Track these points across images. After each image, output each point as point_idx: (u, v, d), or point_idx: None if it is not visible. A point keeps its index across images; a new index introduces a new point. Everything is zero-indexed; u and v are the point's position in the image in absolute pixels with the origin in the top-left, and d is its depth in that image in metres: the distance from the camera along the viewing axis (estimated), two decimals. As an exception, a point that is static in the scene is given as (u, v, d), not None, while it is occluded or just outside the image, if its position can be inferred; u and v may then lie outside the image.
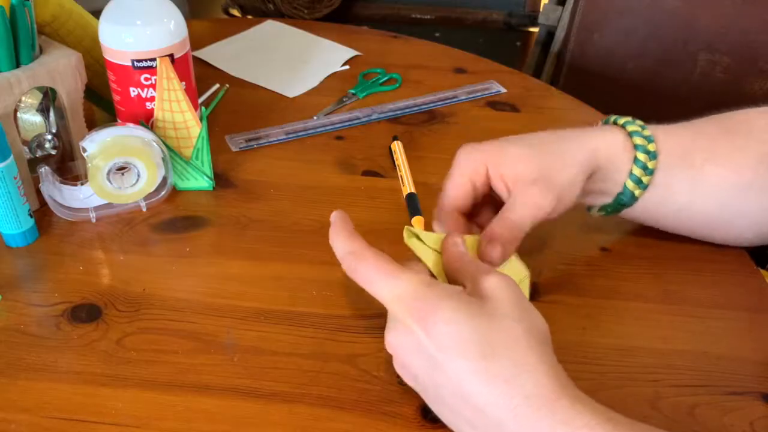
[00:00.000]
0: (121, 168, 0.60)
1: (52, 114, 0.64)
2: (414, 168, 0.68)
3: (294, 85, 0.84)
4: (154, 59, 0.62)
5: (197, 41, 0.92)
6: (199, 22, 1.06)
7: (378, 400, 0.46)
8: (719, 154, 0.53)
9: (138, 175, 0.61)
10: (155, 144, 0.61)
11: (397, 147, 0.70)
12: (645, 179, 0.52)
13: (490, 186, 0.52)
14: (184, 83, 0.63)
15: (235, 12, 1.56)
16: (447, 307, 0.40)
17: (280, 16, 1.41)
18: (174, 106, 0.62)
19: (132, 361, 0.49)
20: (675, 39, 1.06)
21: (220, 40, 0.94)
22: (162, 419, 0.45)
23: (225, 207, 0.64)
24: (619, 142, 0.52)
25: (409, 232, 0.47)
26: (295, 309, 0.53)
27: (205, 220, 0.63)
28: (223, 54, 0.91)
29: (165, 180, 0.63)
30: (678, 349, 0.51)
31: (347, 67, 0.89)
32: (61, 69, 0.60)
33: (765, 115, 0.55)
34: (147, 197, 0.62)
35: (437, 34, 1.57)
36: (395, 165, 0.69)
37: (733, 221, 0.56)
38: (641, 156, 0.52)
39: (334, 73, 0.88)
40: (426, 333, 0.39)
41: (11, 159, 0.55)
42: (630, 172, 0.52)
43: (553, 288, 0.55)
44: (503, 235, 0.48)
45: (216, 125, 0.76)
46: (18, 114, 0.62)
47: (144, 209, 0.63)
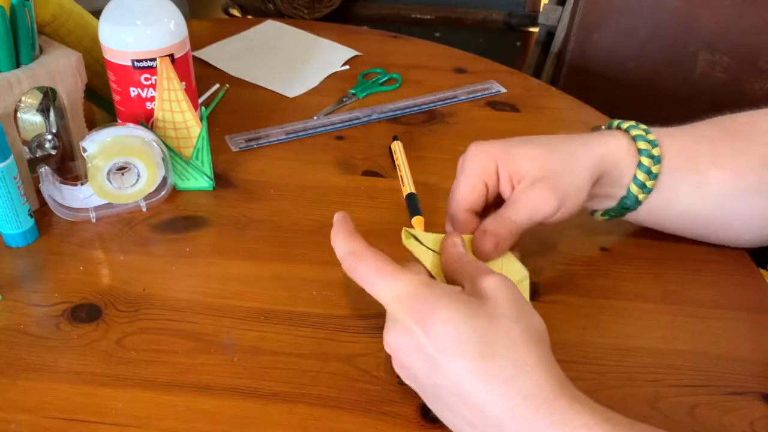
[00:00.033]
0: (121, 168, 0.60)
1: (52, 114, 0.64)
2: (414, 168, 0.68)
3: (294, 85, 0.84)
4: (154, 59, 0.62)
5: (197, 41, 0.92)
6: (199, 22, 1.06)
7: (378, 400, 0.46)
8: (722, 157, 0.53)
9: (138, 175, 0.61)
10: (155, 144, 0.61)
11: (397, 147, 0.70)
12: (649, 183, 0.52)
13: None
14: (184, 83, 0.63)
15: (235, 12, 1.56)
16: (446, 308, 0.40)
17: (280, 16, 1.41)
18: (174, 106, 0.62)
19: (132, 361, 0.49)
20: (675, 39, 1.06)
21: (220, 40, 0.94)
22: (162, 419, 0.45)
23: (225, 207, 0.64)
24: (623, 146, 0.52)
25: (407, 233, 0.47)
26: (295, 309, 0.53)
27: (205, 220, 0.63)
28: (223, 54, 0.91)
29: (165, 180, 0.63)
30: (678, 349, 0.51)
31: (347, 67, 0.89)
32: (61, 69, 0.60)
33: (767, 117, 0.55)
34: (147, 197, 0.62)
35: (437, 34, 1.57)
36: (395, 165, 0.69)
37: (736, 223, 0.56)
38: (645, 160, 0.52)
39: (334, 73, 0.88)
40: (425, 333, 0.39)
41: (11, 159, 0.55)
42: (634, 176, 0.52)
43: (553, 288, 0.55)
44: (497, 231, 0.48)
45: (216, 125, 0.76)
46: (18, 114, 0.62)
47: (144, 209, 0.63)
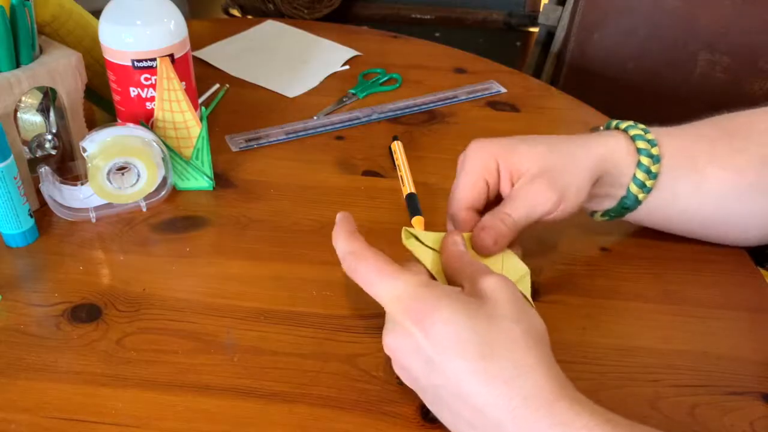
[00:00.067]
0: (121, 168, 0.60)
1: (52, 114, 0.64)
2: (414, 168, 0.68)
3: (294, 85, 0.84)
4: (154, 59, 0.62)
5: (197, 41, 0.92)
6: (199, 22, 1.06)
7: (378, 400, 0.46)
8: (721, 156, 0.53)
9: (138, 175, 0.61)
10: (155, 144, 0.61)
11: (397, 147, 0.70)
12: (649, 183, 0.52)
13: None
14: (184, 83, 0.63)
15: (235, 12, 1.56)
16: (445, 308, 0.40)
17: (280, 16, 1.41)
18: (174, 106, 0.62)
19: (132, 361, 0.49)
20: (675, 39, 1.06)
21: (220, 40, 0.94)
22: (162, 419, 0.45)
23: (225, 207, 0.64)
24: (622, 146, 0.52)
25: (407, 232, 0.47)
26: (295, 309, 0.53)
27: (205, 220, 0.63)
28: (223, 54, 0.91)
29: (165, 180, 0.63)
30: (678, 349, 0.51)
31: (347, 67, 0.89)
32: (61, 69, 0.60)
33: (765, 117, 0.55)
34: (147, 197, 0.62)
35: (437, 34, 1.57)
36: (395, 165, 0.69)
37: (736, 222, 0.56)
38: (645, 160, 0.52)
39: (334, 73, 0.88)
40: (424, 334, 0.39)
41: (11, 159, 0.55)
42: (633, 176, 0.52)
43: (553, 288, 0.55)
44: (495, 227, 0.48)
45: (216, 125, 0.76)
46: (18, 114, 0.62)
47: (144, 209, 0.63)
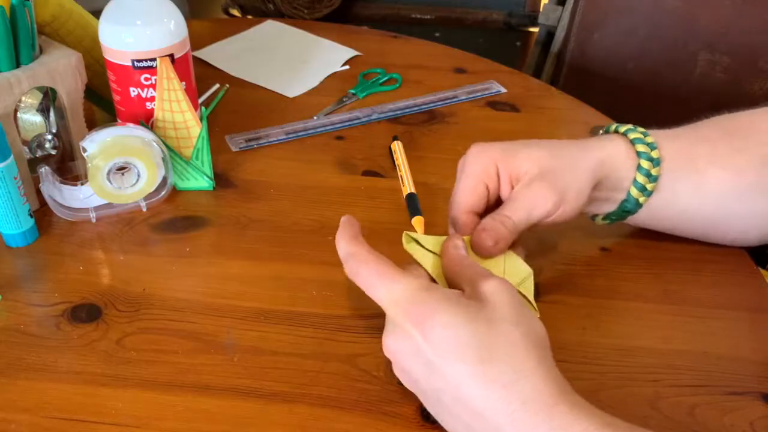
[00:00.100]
0: (121, 168, 0.60)
1: (52, 114, 0.64)
2: (414, 168, 0.68)
3: (294, 85, 0.84)
4: (154, 59, 0.62)
5: (197, 41, 0.92)
6: (199, 22, 1.06)
7: (378, 400, 0.46)
8: (721, 156, 0.53)
9: (138, 175, 0.61)
10: (155, 144, 0.61)
11: (397, 147, 0.70)
12: (649, 186, 0.52)
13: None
14: (184, 83, 0.63)
15: (235, 12, 1.56)
16: (445, 311, 0.40)
17: (280, 16, 1.41)
18: (174, 106, 0.62)
19: (132, 361, 0.49)
20: (675, 39, 1.06)
21: (220, 40, 0.94)
22: (162, 419, 0.45)
23: (225, 207, 0.64)
24: (622, 150, 0.52)
25: (408, 236, 0.47)
26: (295, 309, 0.53)
27: (205, 220, 0.63)
28: (223, 54, 0.91)
29: (165, 180, 0.63)
30: (678, 349, 0.51)
31: (347, 67, 0.89)
32: (61, 69, 0.60)
33: (766, 116, 0.55)
34: (147, 197, 0.62)
35: (437, 34, 1.57)
36: (395, 165, 0.69)
37: (736, 223, 0.56)
38: (645, 164, 0.52)
39: (334, 73, 0.88)
40: (424, 337, 0.39)
41: (11, 159, 0.55)
42: (634, 179, 0.52)
43: (553, 288, 0.55)
44: (495, 228, 0.48)
45: (216, 125, 0.76)
46: (18, 114, 0.62)
47: (144, 209, 0.63)
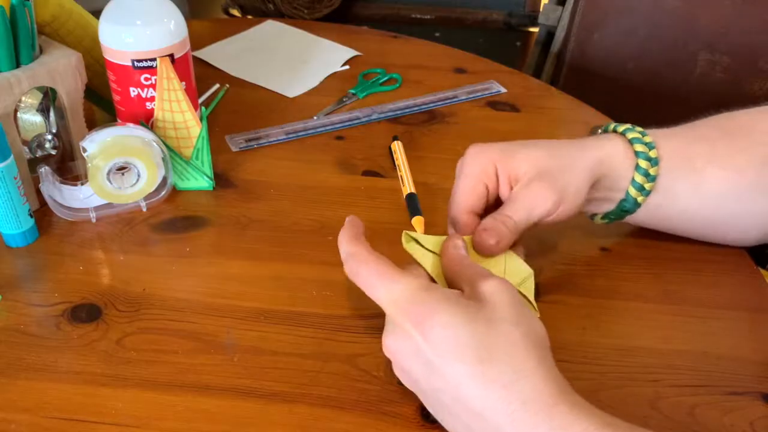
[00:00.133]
0: (121, 168, 0.60)
1: (52, 114, 0.64)
2: (414, 168, 0.68)
3: (294, 85, 0.84)
4: (154, 59, 0.62)
5: (197, 41, 0.92)
6: (199, 22, 1.06)
7: (378, 400, 0.46)
8: (720, 156, 0.53)
9: (138, 175, 0.61)
10: (155, 144, 0.61)
11: (397, 147, 0.70)
12: (647, 186, 0.52)
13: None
14: (184, 83, 0.63)
15: (235, 12, 1.56)
16: (444, 311, 0.40)
17: (280, 16, 1.41)
18: (174, 106, 0.62)
19: (132, 361, 0.49)
20: (675, 39, 1.06)
21: (220, 40, 0.94)
22: (162, 419, 0.45)
23: (225, 207, 0.64)
24: (620, 150, 0.52)
25: (408, 236, 0.47)
26: (295, 309, 0.53)
27: (205, 220, 0.63)
28: (223, 54, 0.91)
29: (165, 180, 0.63)
30: (678, 349, 0.51)
31: (347, 67, 0.89)
32: (61, 69, 0.60)
33: (766, 116, 0.55)
34: (147, 197, 0.62)
35: (437, 34, 1.57)
36: (395, 165, 0.69)
37: (735, 222, 0.56)
38: (643, 163, 0.52)
39: (334, 73, 0.88)
40: (423, 337, 0.39)
41: (11, 159, 0.55)
42: (632, 179, 0.52)
43: (553, 288, 0.55)
44: (496, 228, 0.48)
45: (216, 125, 0.76)
46: (18, 114, 0.62)
47: (144, 209, 0.63)
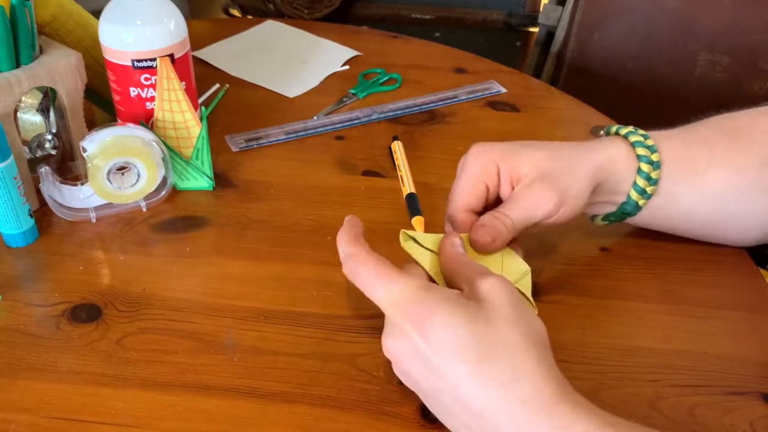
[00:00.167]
0: (121, 168, 0.60)
1: (52, 114, 0.64)
2: (414, 168, 0.68)
3: (294, 85, 0.84)
4: (154, 59, 0.62)
5: (197, 41, 0.92)
6: (199, 22, 1.06)
7: (378, 400, 0.46)
8: (720, 157, 0.53)
9: (138, 175, 0.61)
10: (155, 144, 0.61)
11: (397, 147, 0.70)
12: (649, 189, 0.52)
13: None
14: (184, 83, 0.63)
15: (235, 12, 1.56)
16: (444, 311, 0.39)
17: (280, 16, 1.41)
18: (174, 106, 0.62)
19: (132, 361, 0.49)
20: (675, 39, 1.06)
21: (220, 40, 0.94)
22: (162, 419, 0.45)
23: (225, 207, 0.64)
24: (622, 153, 0.52)
25: (405, 235, 0.47)
26: (295, 309, 0.53)
27: (205, 220, 0.63)
28: (223, 54, 0.91)
29: (165, 180, 0.63)
30: (678, 349, 0.51)
31: (347, 67, 0.89)
32: (61, 69, 0.60)
33: (765, 116, 0.55)
34: (147, 197, 0.62)
35: (437, 34, 1.57)
36: (395, 165, 0.69)
37: (736, 223, 0.56)
38: (645, 167, 0.52)
39: (334, 73, 0.88)
40: (423, 338, 0.39)
41: (11, 159, 0.55)
42: (634, 182, 0.52)
43: (553, 288, 0.55)
44: (494, 225, 0.48)
45: (216, 125, 0.76)
46: (18, 114, 0.62)
47: (144, 209, 0.63)
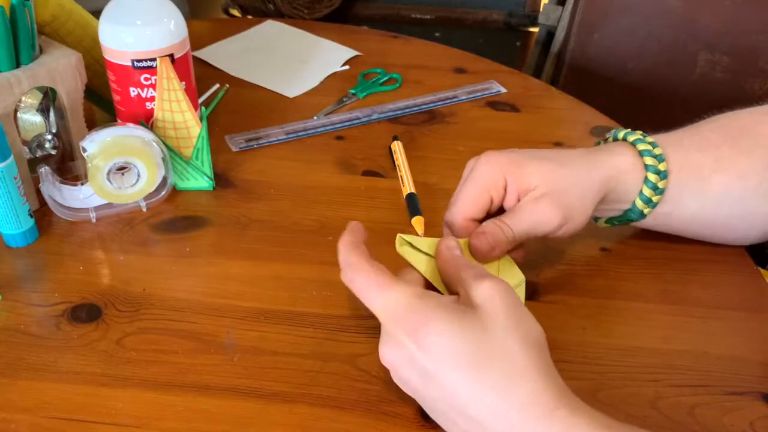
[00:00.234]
0: (121, 168, 0.60)
1: (52, 114, 0.64)
2: (414, 168, 0.68)
3: (294, 85, 0.84)
4: (154, 59, 0.62)
5: (197, 41, 0.92)
6: (199, 22, 1.06)
7: (378, 400, 0.46)
8: (725, 160, 0.53)
9: (138, 175, 0.61)
10: (155, 144, 0.61)
11: (397, 147, 0.70)
12: (655, 198, 0.52)
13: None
14: (184, 83, 0.63)
15: (235, 12, 1.56)
16: (438, 319, 0.39)
17: (280, 16, 1.41)
18: (174, 106, 0.62)
19: (132, 361, 0.49)
20: (675, 39, 1.06)
21: (220, 40, 0.94)
22: (162, 419, 0.45)
23: (225, 207, 0.64)
24: (629, 163, 0.52)
25: (401, 239, 0.47)
26: (295, 309, 0.53)
27: (205, 220, 0.63)
28: (223, 54, 0.91)
29: (165, 180, 0.63)
30: (678, 349, 0.51)
31: (347, 67, 0.89)
32: (61, 69, 0.60)
33: (767, 117, 0.55)
34: (147, 197, 0.62)
35: (437, 34, 1.57)
36: (395, 165, 0.69)
37: (738, 224, 0.55)
38: (652, 177, 0.51)
39: (334, 73, 0.88)
40: (418, 346, 0.39)
41: (11, 159, 0.55)
42: (640, 191, 0.52)
43: (553, 288, 0.55)
44: (495, 234, 0.48)
45: (216, 125, 0.76)
46: (18, 114, 0.62)
47: (144, 209, 0.63)
